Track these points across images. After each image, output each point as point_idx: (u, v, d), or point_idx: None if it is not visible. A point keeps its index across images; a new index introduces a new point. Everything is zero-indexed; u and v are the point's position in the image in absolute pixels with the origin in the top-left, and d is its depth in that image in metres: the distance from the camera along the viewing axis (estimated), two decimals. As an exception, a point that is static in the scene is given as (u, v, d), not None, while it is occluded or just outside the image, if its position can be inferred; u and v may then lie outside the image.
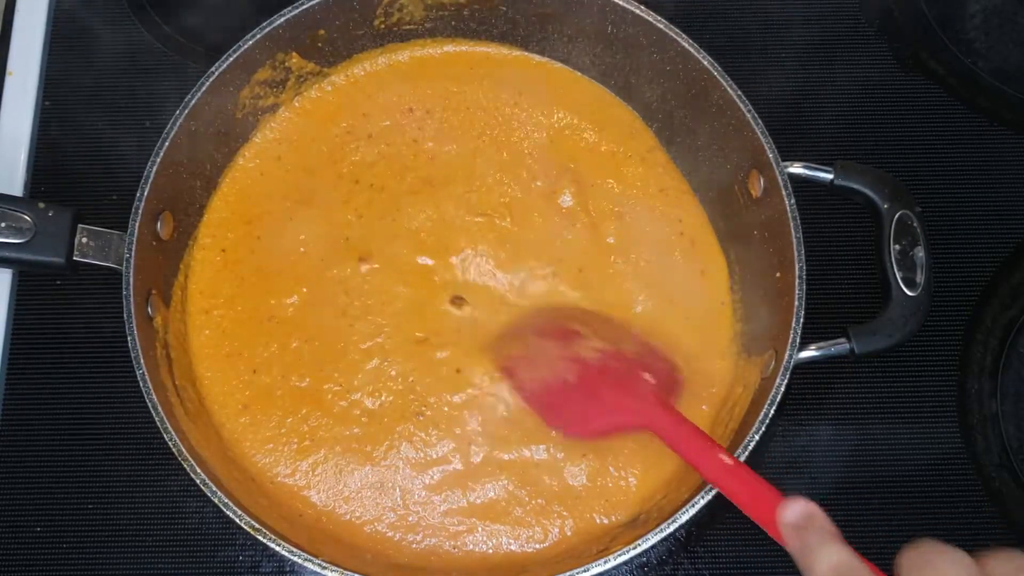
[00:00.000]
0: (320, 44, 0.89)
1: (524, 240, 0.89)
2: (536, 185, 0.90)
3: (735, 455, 0.73)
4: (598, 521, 0.81)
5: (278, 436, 0.83)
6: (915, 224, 0.81)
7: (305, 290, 0.87)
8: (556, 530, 0.81)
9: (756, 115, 0.81)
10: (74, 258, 0.79)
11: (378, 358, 0.85)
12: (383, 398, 0.84)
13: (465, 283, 0.88)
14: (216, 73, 0.83)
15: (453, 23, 0.92)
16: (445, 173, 0.91)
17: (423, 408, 0.84)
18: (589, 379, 0.81)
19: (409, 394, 0.84)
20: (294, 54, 0.88)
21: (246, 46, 0.84)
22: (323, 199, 0.90)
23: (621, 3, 0.85)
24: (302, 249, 0.88)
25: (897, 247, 0.80)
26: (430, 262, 0.88)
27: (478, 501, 0.82)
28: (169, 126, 0.81)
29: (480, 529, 0.81)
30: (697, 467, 0.74)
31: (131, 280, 0.77)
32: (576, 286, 0.88)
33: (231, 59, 0.83)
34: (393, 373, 0.85)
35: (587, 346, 0.82)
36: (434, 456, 0.83)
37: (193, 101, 0.81)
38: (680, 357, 0.85)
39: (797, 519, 0.60)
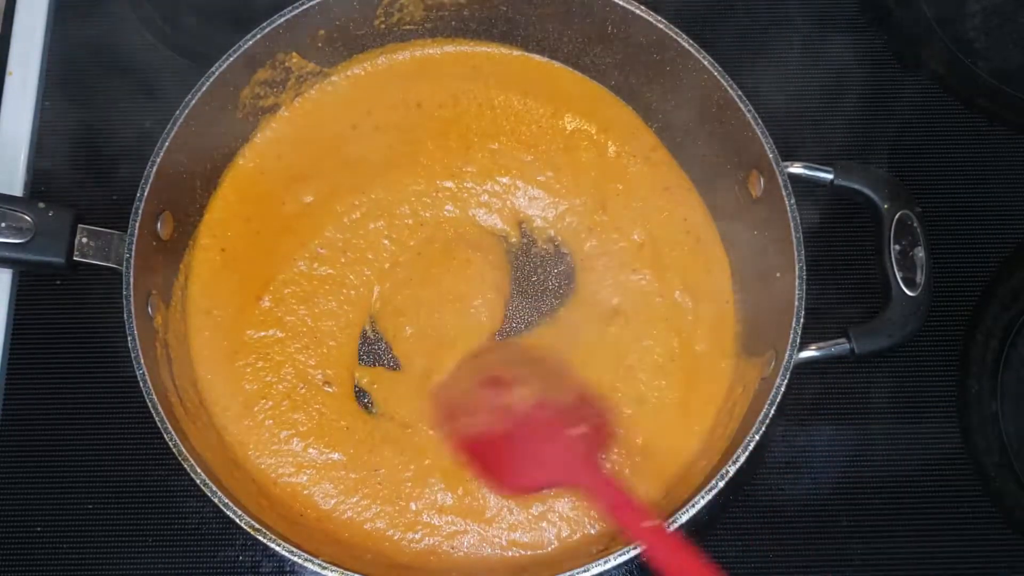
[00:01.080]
0: (320, 44, 0.89)
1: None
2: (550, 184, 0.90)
3: (735, 455, 0.73)
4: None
5: (280, 438, 0.83)
6: (915, 224, 0.81)
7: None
8: (555, 530, 0.81)
9: (756, 115, 0.81)
10: (74, 258, 0.79)
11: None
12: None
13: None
14: (216, 73, 0.83)
15: (453, 23, 0.92)
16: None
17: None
18: (520, 433, 0.77)
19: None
20: (294, 54, 0.88)
21: (246, 46, 0.84)
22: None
23: (621, 3, 0.85)
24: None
25: (897, 247, 0.80)
26: None
27: (478, 502, 0.81)
28: (169, 126, 0.81)
29: (479, 530, 0.81)
30: (626, 530, 0.72)
31: (131, 280, 0.77)
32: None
33: (231, 59, 0.83)
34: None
35: (519, 396, 0.78)
36: (434, 456, 0.83)
37: (193, 101, 0.81)
38: (690, 359, 0.85)
39: None
